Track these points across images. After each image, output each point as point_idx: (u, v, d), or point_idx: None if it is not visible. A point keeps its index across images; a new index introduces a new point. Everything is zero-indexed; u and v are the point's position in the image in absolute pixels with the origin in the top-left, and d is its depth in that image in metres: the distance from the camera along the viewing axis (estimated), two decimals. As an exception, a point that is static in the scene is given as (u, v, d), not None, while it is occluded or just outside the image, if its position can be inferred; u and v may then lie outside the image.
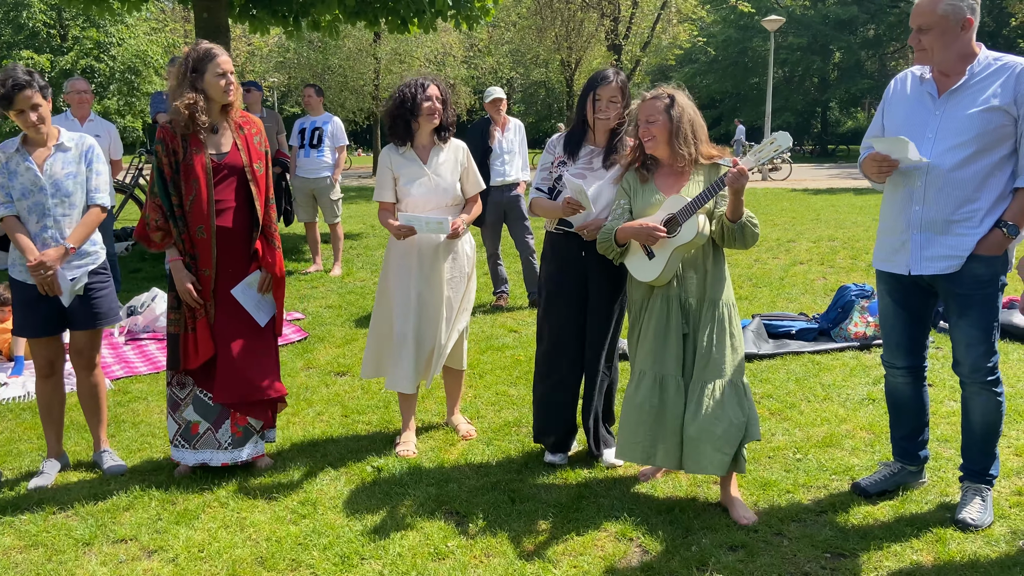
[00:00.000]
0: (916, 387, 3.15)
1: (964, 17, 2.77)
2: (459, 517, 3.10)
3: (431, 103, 3.54)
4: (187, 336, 3.37)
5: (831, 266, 8.08)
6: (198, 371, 3.42)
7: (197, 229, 3.32)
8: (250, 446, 3.50)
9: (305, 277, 7.95)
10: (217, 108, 3.36)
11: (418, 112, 3.55)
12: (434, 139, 3.66)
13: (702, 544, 2.85)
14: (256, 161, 3.43)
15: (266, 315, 3.49)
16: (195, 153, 3.30)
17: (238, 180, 3.38)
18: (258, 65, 28.64)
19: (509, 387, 4.61)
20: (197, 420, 3.44)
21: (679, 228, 2.97)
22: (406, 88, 3.56)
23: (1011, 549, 2.76)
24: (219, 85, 3.29)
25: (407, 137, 3.61)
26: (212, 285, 3.37)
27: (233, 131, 3.40)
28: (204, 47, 3.31)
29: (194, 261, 3.36)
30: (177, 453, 3.47)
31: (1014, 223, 2.78)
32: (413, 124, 3.59)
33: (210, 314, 3.39)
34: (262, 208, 3.42)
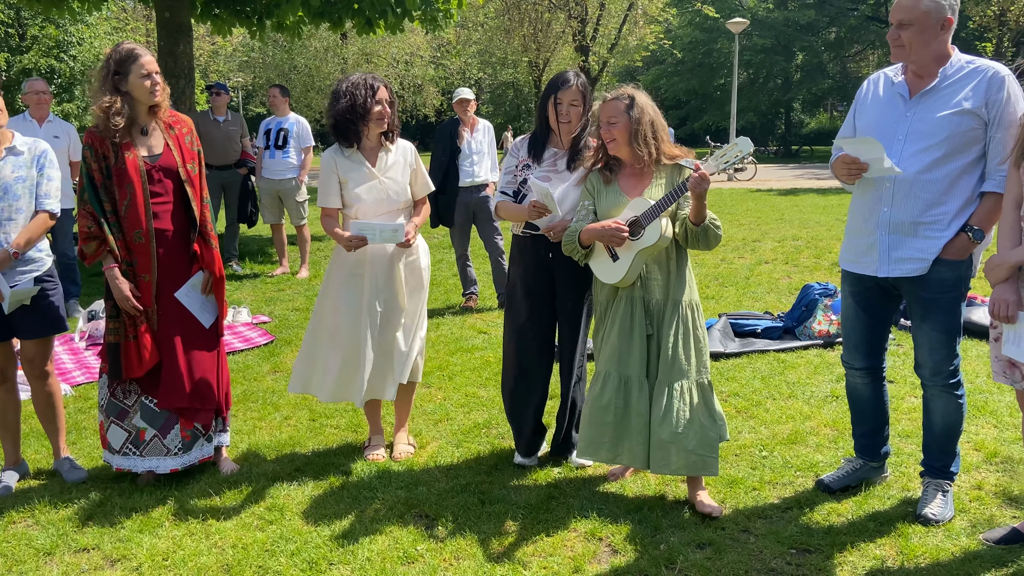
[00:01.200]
0: (875, 387, 3.21)
1: (945, 16, 2.79)
2: (429, 520, 3.09)
3: (382, 107, 3.45)
4: (128, 344, 3.30)
5: (795, 265, 8.19)
6: (143, 378, 3.35)
7: (134, 234, 3.25)
8: (196, 450, 3.45)
9: (271, 280, 7.87)
10: (144, 110, 3.29)
11: (368, 117, 3.44)
12: (381, 141, 3.56)
13: (670, 542, 2.87)
14: (189, 161, 3.37)
15: (211, 316, 3.45)
16: (127, 157, 3.22)
17: (173, 182, 3.32)
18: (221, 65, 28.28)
19: (479, 388, 4.61)
20: (144, 427, 3.37)
21: (642, 231, 2.99)
22: (355, 90, 3.41)
23: (971, 543, 2.82)
24: (144, 86, 3.23)
25: (354, 140, 3.49)
26: (153, 290, 3.30)
27: (163, 132, 3.34)
28: (126, 48, 3.24)
29: (131, 267, 3.28)
30: (127, 461, 3.38)
31: (980, 228, 2.82)
32: (362, 127, 3.47)
33: (152, 320, 3.32)
34: (199, 208, 3.36)
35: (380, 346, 3.54)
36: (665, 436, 3.02)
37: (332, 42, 23.18)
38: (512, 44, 26.02)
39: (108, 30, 29.69)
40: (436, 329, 5.94)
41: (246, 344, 5.51)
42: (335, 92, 3.48)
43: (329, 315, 3.56)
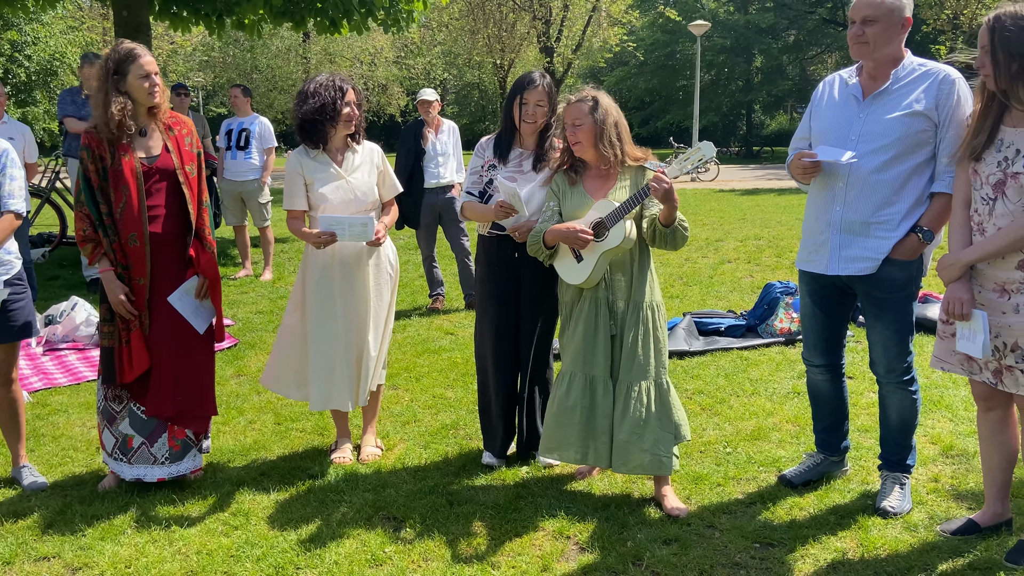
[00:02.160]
0: (835, 383, 3.27)
1: (905, 16, 2.86)
2: (397, 522, 3.08)
3: (350, 109, 3.43)
4: (121, 349, 3.25)
5: (757, 264, 8.32)
6: (133, 384, 3.30)
7: (129, 237, 3.20)
8: (189, 459, 3.40)
9: (234, 282, 7.77)
10: (143, 111, 3.25)
11: (337, 118, 3.41)
12: (348, 142, 3.53)
13: (637, 539, 2.90)
14: (188, 163, 3.32)
15: (204, 322, 3.39)
16: (124, 158, 3.17)
17: (170, 184, 3.27)
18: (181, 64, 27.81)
19: (446, 390, 4.60)
20: (132, 434, 3.32)
21: (607, 233, 3.02)
22: (324, 92, 3.38)
23: (929, 534, 2.90)
24: (143, 87, 3.18)
25: (321, 141, 3.45)
26: (147, 294, 3.25)
27: (162, 133, 3.29)
28: (126, 48, 3.19)
29: (126, 271, 3.23)
30: (116, 466, 3.35)
31: (929, 228, 2.89)
32: (330, 129, 3.44)
33: (144, 325, 3.27)
34: (195, 212, 3.32)
35: (354, 350, 3.52)
36: (623, 435, 3.06)
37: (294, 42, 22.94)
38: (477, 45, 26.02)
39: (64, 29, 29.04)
40: (403, 331, 5.92)
41: (209, 348, 5.43)
42: (302, 93, 3.45)
43: (308, 318, 3.53)
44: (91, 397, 4.53)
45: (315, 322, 3.49)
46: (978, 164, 2.63)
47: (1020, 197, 2.53)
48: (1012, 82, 2.49)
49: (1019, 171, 2.51)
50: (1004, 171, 2.55)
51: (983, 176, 2.61)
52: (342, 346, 3.49)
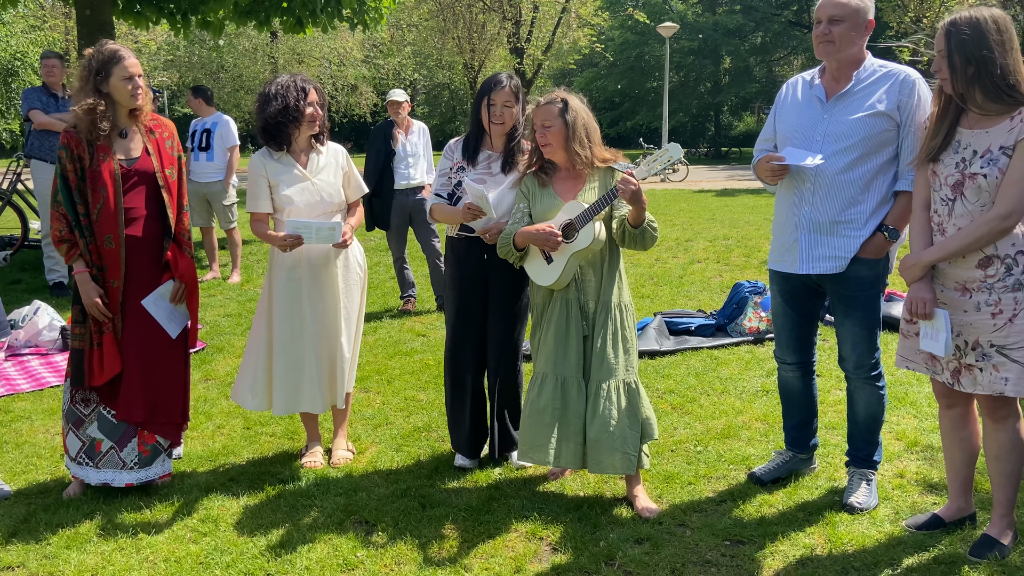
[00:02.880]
0: (805, 380, 3.32)
1: (868, 18, 2.92)
2: (368, 526, 3.06)
3: (313, 109, 3.40)
4: (92, 351, 3.20)
5: (726, 264, 8.40)
6: (103, 387, 3.25)
7: (105, 239, 3.16)
8: (157, 465, 3.35)
9: (201, 285, 7.66)
10: (124, 112, 3.20)
11: (301, 119, 3.38)
12: (312, 143, 3.51)
13: (609, 539, 2.92)
14: (168, 167, 3.28)
15: (178, 327, 3.35)
16: (102, 159, 3.13)
17: (149, 187, 3.23)
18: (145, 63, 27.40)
19: (418, 392, 4.59)
20: (100, 438, 3.27)
21: (576, 234, 3.03)
22: (286, 93, 3.35)
23: (895, 529, 2.95)
24: (126, 89, 3.14)
25: (284, 143, 3.42)
26: (120, 297, 3.20)
27: (143, 135, 3.25)
28: (109, 49, 3.14)
29: (101, 272, 3.19)
30: (80, 471, 3.29)
31: (895, 227, 2.95)
32: (293, 130, 3.41)
33: (117, 328, 3.22)
34: (175, 215, 3.28)
35: (325, 353, 3.49)
36: (593, 435, 3.07)
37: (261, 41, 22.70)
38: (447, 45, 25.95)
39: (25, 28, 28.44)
40: (374, 333, 5.88)
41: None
42: (264, 95, 3.41)
43: (274, 323, 3.48)
44: (55, 403, 4.45)
45: (282, 325, 3.46)
46: (936, 166, 2.68)
47: (978, 197, 2.58)
48: (968, 85, 2.55)
49: (976, 172, 2.57)
50: (962, 172, 2.60)
51: (942, 178, 2.67)
52: (310, 349, 3.45)
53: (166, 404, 3.32)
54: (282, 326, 3.45)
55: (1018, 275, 2.57)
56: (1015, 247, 2.57)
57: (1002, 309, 2.58)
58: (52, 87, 7.03)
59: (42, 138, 6.91)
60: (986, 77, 2.51)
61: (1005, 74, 2.50)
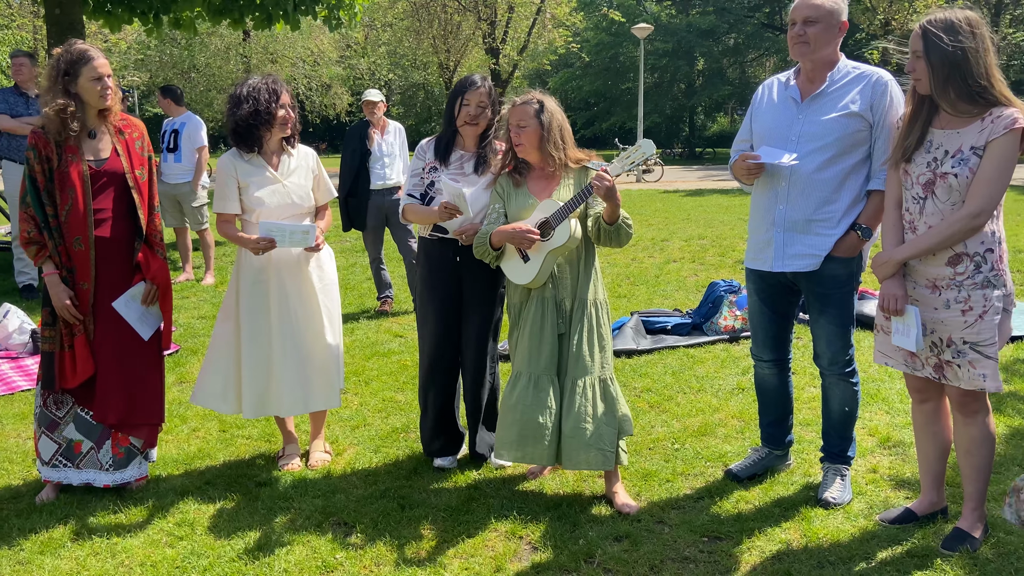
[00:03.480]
0: (781, 378, 3.36)
1: (841, 19, 2.97)
2: (347, 528, 3.05)
3: (285, 112, 3.38)
4: (63, 354, 3.16)
5: (701, 263, 8.47)
6: (78, 389, 3.21)
7: (74, 240, 3.11)
8: (133, 467, 3.33)
9: (175, 286, 7.57)
10: (93, 113, 3.16)
11: (272, 122, 3.36)
12: (283, 145, 3.49)
13: (589, 537, 2.93)
14: (138, 167, 3.24)
15: (150, 328, 3.31)
16: (71, 160, 3.09)
17: (118, 188, 3.19)
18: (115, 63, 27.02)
19: (396, 393, 4.57)
20: (80, 439, 3.24)
21: (552, 232, 3.05)
22: (258, 95, 3.33)
23: (869, 523, 2.99)
24: (95, 90, 3.10)
25: (255, 145, 3.40)
26: (91, 299, 3.17)
27: (113, 136, 3.21)
28: (78, 49, 3.09)
29: (71, 274, 3.14)
30: (56, 474, 3.24)
31: (867, 226, 3.00)
32: (264, 133, 3.39)
33: (89, 330, 3.18)
34: (145, 216, 3.24)
35: (293, 357, 3.45)
36: (568, 431, 3.09)
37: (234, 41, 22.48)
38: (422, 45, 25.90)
39: (-10, 26, 27.91)
40: (351, 334, 5.85)
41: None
42: (235, 96, 3.38)
43: (242, 325, 3.45)
44: (26, 407, 4.37)
45: (250, 327, 3.43)
46: (908, 165, 2.73)
47: (949, 196, 2.63)
48: (942, 86, 2.59)
49: (947, 171, 2.61)
50: (933, 171, 2.65)
51: (913, 176, 2.71)
52: (279, 351, 3.42)
53: (142, 405, 3.29)
54: (249, 328, 3.43)
55: (986, 272, 2.62)
56: (984, 245, 2.62)
57: (972, 306, 2.63)
58: (22, 86, 6.92)
59: (12, 139, 6.80)
60: (959, 78, 2.55)
61: (977, 76, 2.55)
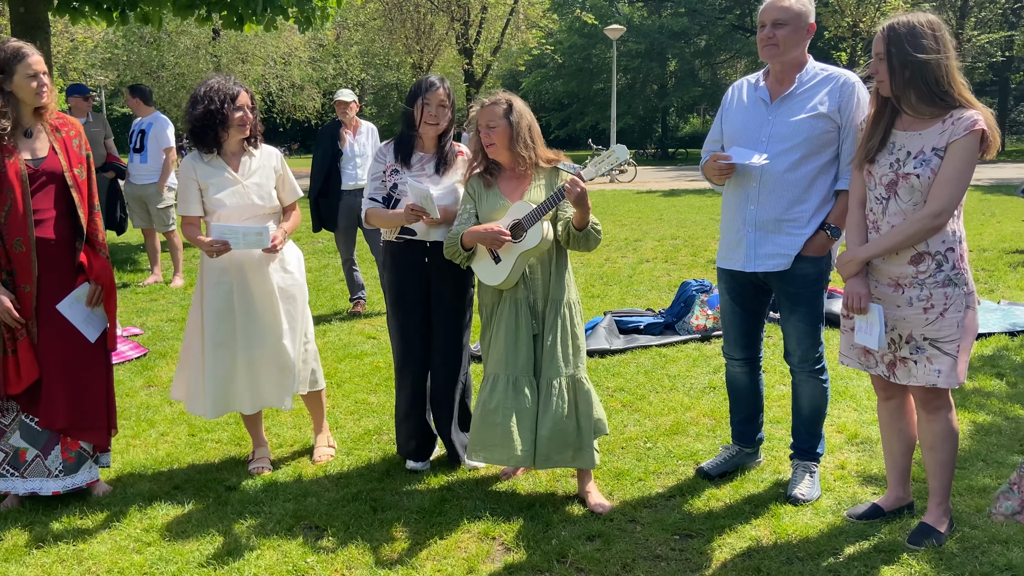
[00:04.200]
0: (752, 376, 3.40)
1: (810, 22, 3.01)
2: (319, 531, 3.03)
3: (243, 113, 3.35)
4: (7, 359, 3.09)
5: (674, 263, 8.53)
6: (22, 395, 3.14)
7: (14, 242, 3.05)
8: (84, 472, 3.26)
9: (143, 289, 7.48)
10: (29, 111, 3.10)
11: (229, 123, 3.33)
12: (244, 146, 3.45)
13: (561, 537, 2.93)
14: (76, 166, 3.18)
15: (96, 330, 3.25)
16: (7, 160, 3.02)
17: (58, 187, 3.12)
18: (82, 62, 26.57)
19: (369, 395, 4.55)
20: (25, 447, 3.16)
21: (524, 234, 3.05)
22: (214, 95, 3.30)
23: (837, 519, 3.03)
24: (30, 87, 3.03)
25: (214, 146, 3.37)
26: (33, 302, 3.10)
27: (49, 134, 3.15)
28: (12, 46, 3.03)
29: (11, 277, 3.08)
30: (5, 483, 3.17)
31: (836, 225, 3.04)
32: (222, 133, 3.36)
33: (32, 334, 3.12)
34: (86, 216, 3.18)
35: (256, 355, 3.42)
36: (544, 432, 3.09)
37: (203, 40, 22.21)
38: (395, 45, 25.80)
39: (-48, 24, 27.33)
40: (323, 336, 5.81)
41: (118, 358, 5.21)
42: (193, 97, 3.36)
43: (205, 325, 3.42)
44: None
45: (213, 328, 3.39)
46: (872, 166, 2.77)
47: (911, 197, 2.67)
48: (904, 88, 2.64)
49: (910, 172, 2.66)
50: (896, 172, 2.69)
51: (877, 177, 2.76)
52: (242, 352, 3.39)
53: (90, 409, 3.23)
54: (213, 330, 3.39)
55: (948, 271, 2.67)
56: (945, 244, 2.67)
57: (933, 304, 2.68)
58: None
59: None
60: (921, 80, 2.60)
61: (939, 78, 2.59)
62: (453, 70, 26.77)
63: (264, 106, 28.38)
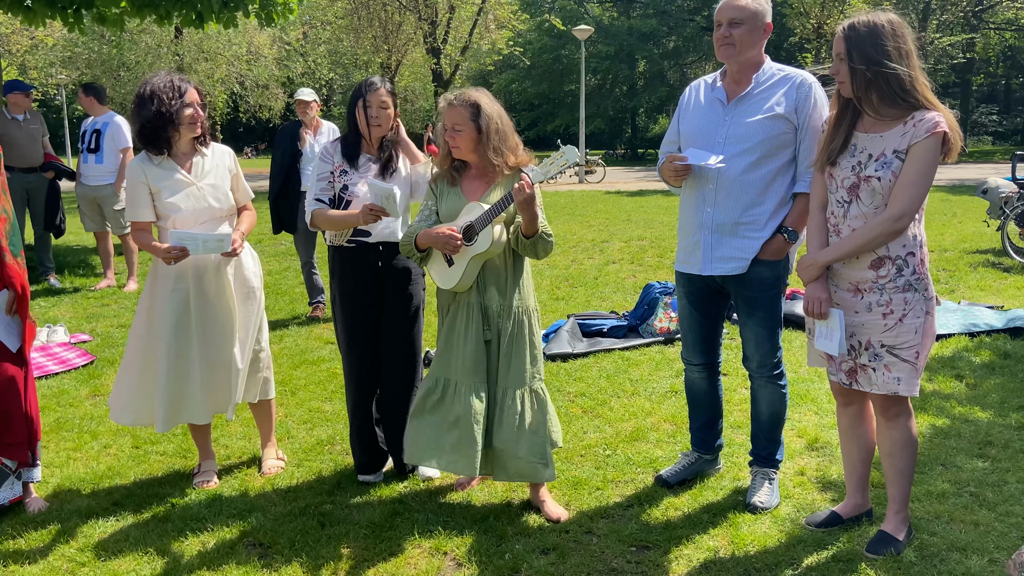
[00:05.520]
0: (711, 381, 3.34)
1: (766, 21, 2.96)
2: (263, 549, 2.90)
3: (192, 111, 3.22)
4: None
5: (640, 264, 8.49)
6: None
7: None
8: (7, 489, 3.11)
9: (94, 293, 7.26)
10: None
11: (179, 122, 3.20)
12: (195, 146, 3.32)
13: (515, 550, 2.84)
14: None
15: (17, 339, 3.11)
16: None
17: None
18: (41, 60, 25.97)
19: (324, 403, 4.42)
20: None
21: (476, 236, 2.95)
22: (160, 94, 3.17)
23: (796, 528, 2.97)
24: None
25: (164, 147, 3.24)
26: None
27: None
28: None
29: None
30: None
31: (793, 228, 2.98)
32: (172, 134, 3.23)
33: None
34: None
35: (214, 361, 3.30)
36: (499, 443, 3.00)
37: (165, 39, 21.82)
38: (362, 44, 25.56)
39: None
40: (280, 341, 5.67)
41: (63, 366, 5.03)
42: (139, 96, 3.20)
43: (156, 333, 3.27)
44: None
45: (168, 336, 3.25)
46: (833, 168, 2.72)
47: (872, 200, 2.62)
48: (865, 89, 2.58)
49: (871, 175, 2.61)
50: (857, 175, 2.64)
51: (838, 180, 2.70)
52: (198, 360, 3.26)
53: (8, 423, 3.08)
54: (169, 339, 3.25)
55: (908, 276, 2.62)
56: (906, 248, 2.63)
57: (892, 309, 2.63)
58: None
59: None
60: (882, 81, 2.54)
61: (900, 78, 2.54)
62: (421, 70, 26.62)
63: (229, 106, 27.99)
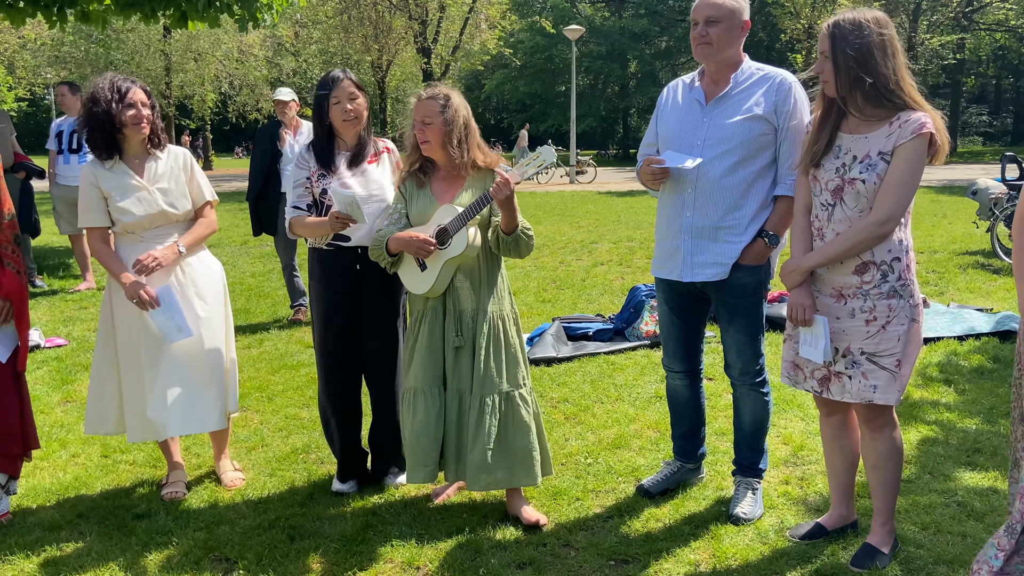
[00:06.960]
0: (693, 389, 3.25)
1: (744, 19, 2.87)
2: (228, 564, 2.81)
3: (136, 111, 3.10)
4: None
5: (629, 266, 8.41)
6: None
7: None
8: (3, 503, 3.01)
9: (72, 296, 7.14)
10: None
11: (123, 123, 3.09)
12: (147, 148, 3.21)
13: (491, 565, 2.75)
14: None
15: (7, 349, 3.00)
16: None
17: None
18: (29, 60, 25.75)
19: (301, 409, 4.32)
20: None
21: (450, 240, 2.86)
22: (99, 94, 3.06)
23: (779, 540, 2.89)
24: None
25: (113, 150, 3.13)
26: None
27: None
28: None
29: None
30: None
31: (775, 232, 2.90)
32: (119, 136, 3.12)
33: None
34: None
35: (184, 372, 3.19)
36: (476, 452, 2.91)
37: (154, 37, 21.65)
38: (352, 44, 25.43)
39: None
40: (259, 345, 5.57)
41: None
42: (88, 97, 3.10)
43: (119, 342, 3.18)
44: None
45: (126, 344, 3.16)
46: (817, 171, 2.64)
47: (857, 203, 2.54)
48: (850, 89, 2.50)
49: (855, 177, 2.53)
50: (842, 177, 2.56)
51: (822, 182, 2.62)
52: (162, 369, 3.15)
53: (6, 435, 2.98)
54: (126, 346, 3.16)
55: (893, 282, 2.55)
56: (891, 253, 2.55)
57: (876, 316, 2.55)
58: None
59: None
60: (867, 80, 2.46)
61: (886, 78, 2.46)
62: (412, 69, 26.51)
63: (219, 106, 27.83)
